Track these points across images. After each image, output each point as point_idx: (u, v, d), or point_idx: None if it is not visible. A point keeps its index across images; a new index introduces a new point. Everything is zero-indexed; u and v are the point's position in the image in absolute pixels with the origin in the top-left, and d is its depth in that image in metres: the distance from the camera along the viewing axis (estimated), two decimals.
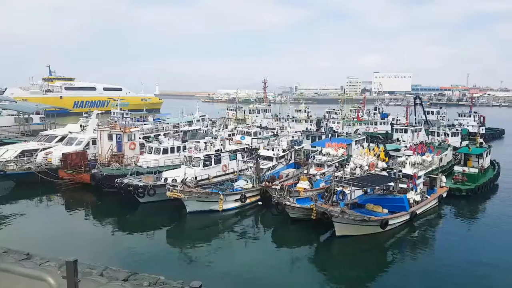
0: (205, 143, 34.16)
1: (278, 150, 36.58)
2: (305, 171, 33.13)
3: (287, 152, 36.94)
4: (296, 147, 40.23)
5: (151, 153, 35.58)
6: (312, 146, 43.81)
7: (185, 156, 33.01)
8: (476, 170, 33.99)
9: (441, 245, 24.18)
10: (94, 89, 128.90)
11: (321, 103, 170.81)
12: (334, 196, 25.06)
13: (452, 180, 33.77)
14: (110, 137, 36.57)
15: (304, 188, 29.23)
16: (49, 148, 39.00)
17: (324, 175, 32.62)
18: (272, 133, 55.10)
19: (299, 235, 25.00)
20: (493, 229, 26.26)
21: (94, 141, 38.57)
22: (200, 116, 64.88)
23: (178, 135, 41.54)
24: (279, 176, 33.44)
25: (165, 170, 32.26)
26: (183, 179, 27.39)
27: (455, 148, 43.88)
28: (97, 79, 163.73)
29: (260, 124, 67.53)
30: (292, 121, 69.86)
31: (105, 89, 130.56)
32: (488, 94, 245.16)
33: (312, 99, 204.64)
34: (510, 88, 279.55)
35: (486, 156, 37.03)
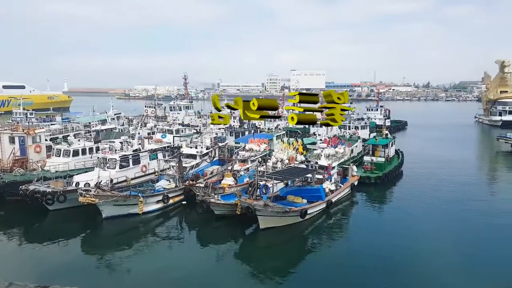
0: (121, 143, 32.53)
1: (202, 147, 36.16)
2: (230, 167, 33.29)
3: (211, 149, 36.70)
4: (220, 144, 40.19)
5: (59, 155, 32.98)
6: (235, 143, 44.21)
7: (98, 157, 31.05)
8: (383, 159, 37.38)
9: (355, 229, 26.30)
10: None
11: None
12: (258, 190, 25.59)
13: (362, 169, 36.73)
14: (12, 140, 33.67)
15: (229, 184, 29.39)
16: None
17: (248, 171, 33.14)
18: (195, 131, 54.32)
19: (225, 232, 25.11)
20: (400, 212, 29.14)
21: None
22: (115, 114, 61.11)
23: (90, 135, 39.06)
24: (203, 174, 33.10)
25: (76, 174, 30.17)
26: (97, 183, 25.78)
27: (364, 140, 47.67)
28: None
29: (183, 122, 66.07)
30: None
31: (4, 87, 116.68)
32: (392, 90, 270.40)
33: (234, 95, 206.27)
34: (411, 84, 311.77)
35: (391, 146, 40.89)
